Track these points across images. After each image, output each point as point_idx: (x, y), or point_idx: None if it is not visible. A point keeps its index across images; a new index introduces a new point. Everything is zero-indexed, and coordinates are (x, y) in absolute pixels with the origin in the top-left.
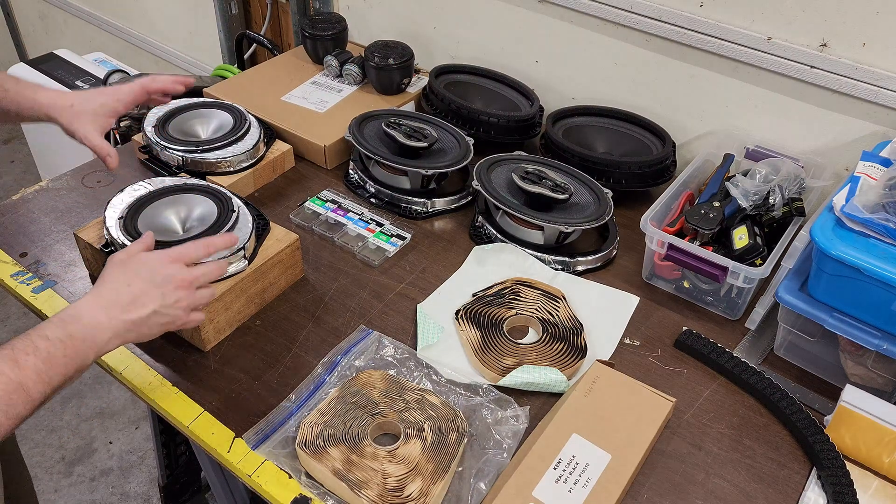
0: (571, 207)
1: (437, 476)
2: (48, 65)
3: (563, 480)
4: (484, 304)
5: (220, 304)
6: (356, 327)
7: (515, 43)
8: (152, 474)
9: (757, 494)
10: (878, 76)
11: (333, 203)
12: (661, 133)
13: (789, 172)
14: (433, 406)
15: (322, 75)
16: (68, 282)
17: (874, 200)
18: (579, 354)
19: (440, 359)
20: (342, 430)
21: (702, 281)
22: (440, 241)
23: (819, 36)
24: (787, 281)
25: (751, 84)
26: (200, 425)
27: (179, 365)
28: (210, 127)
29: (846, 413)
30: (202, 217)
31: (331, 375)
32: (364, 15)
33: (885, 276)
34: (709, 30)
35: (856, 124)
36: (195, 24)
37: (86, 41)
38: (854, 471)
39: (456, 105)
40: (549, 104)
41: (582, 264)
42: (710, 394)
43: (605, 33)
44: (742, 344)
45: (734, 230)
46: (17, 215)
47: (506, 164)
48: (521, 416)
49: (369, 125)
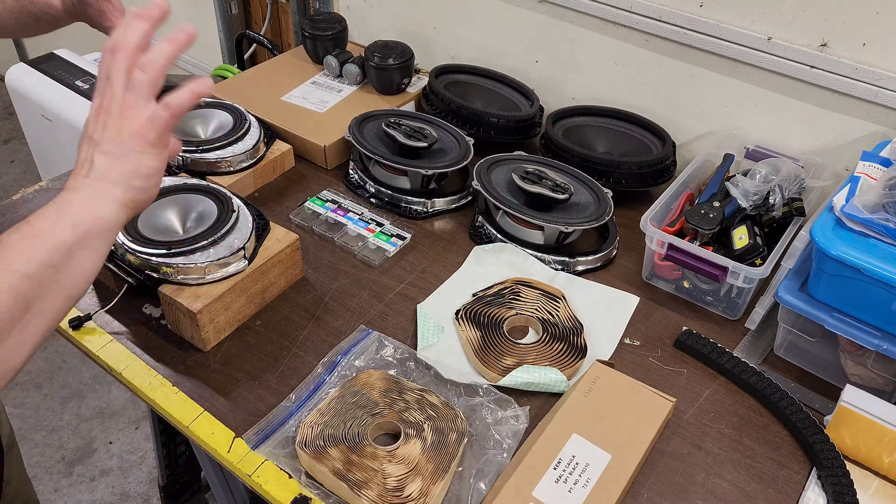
0: (571, 207)
1: (437, 476)
2: (48, 65)
3: (563, 480)
4: (484, 304)
5: (220, 304)
6: (356, 327)
7: (515, 43)
8: (152, 474)
9: (757, 494)
10: (878, 76)
11: (333, 203)
12: (661, 133)
13: (789, 172)
14: (433, 406)
15: (322, 75)
16: None
17: (874, 200)
18: (579, 354)
19: (440, 359)
20: (342, 430)
21: (702, 281)
22: (440, 241)
23: (819, 36)
24: (787, 281)
25: (751, 84)
26: (200, 425)
27: (179, 365)
28: (210, 127)
29: (846, 413)
30: (202, 217)
31: (331, 375)
32: (364, 15)
33: (885, 276)
34: (709, 30)
35: (856, 124)
36: (195, 24)
37: (86, 41)
38: (854, 471)
39: (456, 105)
40: (549, 104)
41: (582, 264)
42: (710, 394)
43: (605, 33)
44: (742, 344)
45: (734, 230)
46: (17, 215)
47: (506, 164)
48: (521, 416)
49: (369, 125)
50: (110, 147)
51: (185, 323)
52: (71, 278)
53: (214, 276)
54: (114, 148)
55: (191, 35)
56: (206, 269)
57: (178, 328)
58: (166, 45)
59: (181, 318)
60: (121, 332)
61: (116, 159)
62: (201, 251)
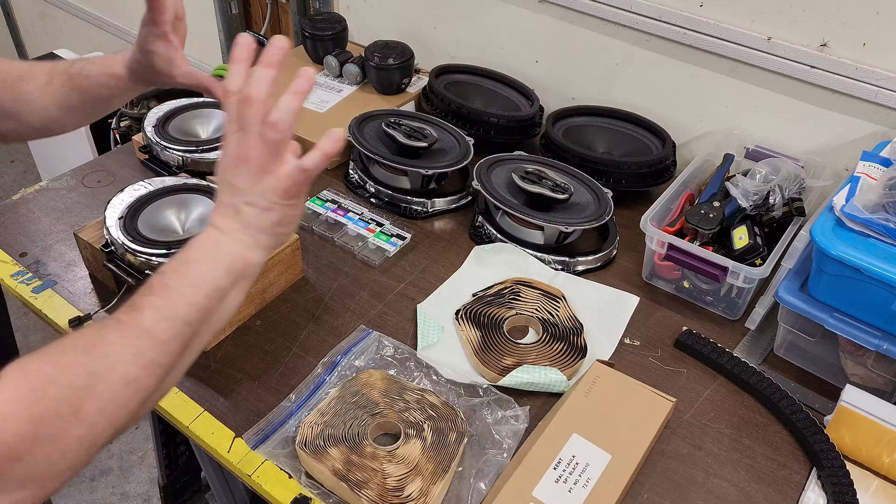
0: (571, 207)
1: (437, 476)
2: None
3: (563, 480)
4: (484, 304)
5: None
6: (356, 327)
7: (515, 43)
8: (152, 474)
9: (757, 494)
10: (878, 76)
11: (333, 203)
12: (661, 133)
13: (789, 172)
14: (433, 406)
15: (322, 75)
16: (68, 282)
17: (874, 200)
18: (579, 354)
19: (440, 359)
20: (342, 430)
21: (702, 281)
22: (440, 241)
23: (819, 36)
24: (787, 281)
25: (751, 84)
26: (200, 425)
27: None
28: (210, 127)
29: (846, 413)
30: (202, 217)
31: (331, 375)
32: (364, 15)
33: (885, 276)
34: (709, 30)
35: (856, 124)
36: (195, 24)
37: (86, 41)
38: (854, 471)
39: (456, 105)
40: (549, 104)
41: (582, 264)
42: (710, 394)
43: (605, 33)
44: (742, 344)
45: (734, 230)
46: (17, 215)
47: (506, 164)
48: (521, 416)
49: (369, 125)
50: (256, 199)
51: None
52: (221, 317)
53: None
54: (260, 200)
55: (312, 81)
56: None
57: None
58: (293, 100)
59: None
60: None
61: (264, 211)
62: None
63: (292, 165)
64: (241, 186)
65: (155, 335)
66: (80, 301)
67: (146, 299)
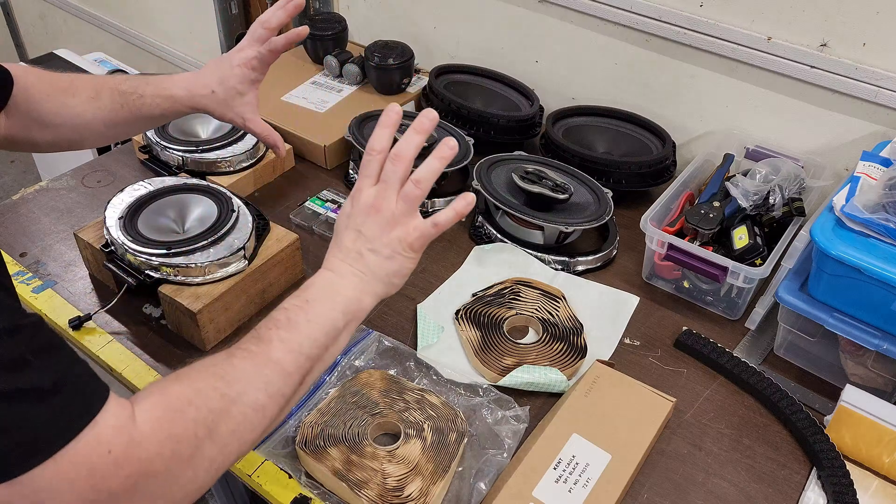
0: (571, 207)
1: (437, 476)
2: (48, 65)
3: (563, 480)
4: (484, 304)
5: (221, 304)
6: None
7: (515, 43)
8: None
9: (757, 494)
10: (878, 76)
11: (333, 203)
12: (661, 133)
13: (789, 172)
14: (433, 406)
15: (322, 75)
16: (68, 282)
17: (874, 200)
18: (579, 354)
19: (440, 359)
20: (342, 430)
21: (702, 281)
22: (440, 241)
23: (819, 36)
24: (787, 281)
25: (751, 84)
26: None
27: (179, 365)
28: (210, 126)
29: (846, 413)
30: (202, 217)
31: (331, 375)
32: (364, 15)
33: (885, 276)
34: (709, 30)
35: (856, 124)
36: (195, 23)
37: (86, 41)
38: (854, 471)
39: (456, 105)
40: (549, 104)
41: (582, 264)
42: (710, 394)
43: (605, 33)
44: (742, 344)
45: (734, 230)
46: (17, 215)
47: (506, 164)
48: (521, 416)
49: (369, 125)
50: (380, 247)
51: (186, 323)
52: (332, 354)
53: (214, 277)
54: (384, 249)
55: (455, 150)
56: (206, 269)
57: (179, 328)
58: (436, 164)
59: (181, 318)
60: (121, 332)
61: (385, 260)
62: (201, 251)
63: (427, 222)
64: (367, 234)
65: (283, 366)
66: (80, 301)
67: (273, 332)
